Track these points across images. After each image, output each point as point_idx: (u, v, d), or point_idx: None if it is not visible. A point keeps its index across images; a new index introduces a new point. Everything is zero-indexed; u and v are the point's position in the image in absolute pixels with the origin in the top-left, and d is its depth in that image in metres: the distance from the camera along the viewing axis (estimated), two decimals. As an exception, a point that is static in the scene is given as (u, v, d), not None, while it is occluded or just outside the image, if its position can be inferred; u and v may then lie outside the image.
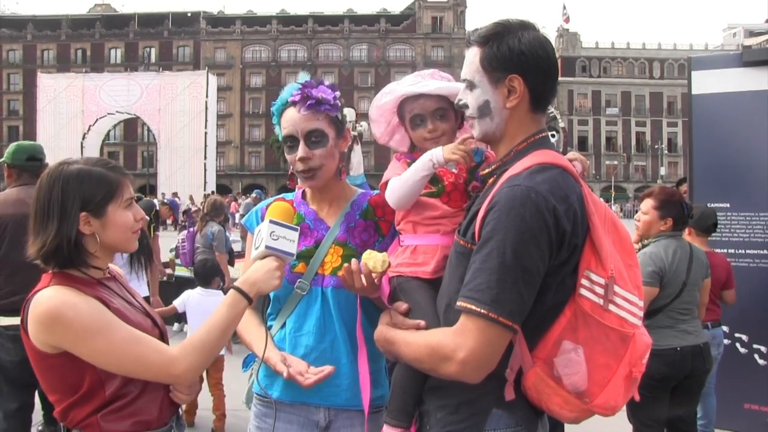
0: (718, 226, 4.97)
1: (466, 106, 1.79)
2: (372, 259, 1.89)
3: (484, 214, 1.60)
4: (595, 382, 1.60)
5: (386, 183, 2.01)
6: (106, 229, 1.86)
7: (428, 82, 2.01)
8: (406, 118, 2.05)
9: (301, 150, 2.09)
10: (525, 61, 1.68)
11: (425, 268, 1.87)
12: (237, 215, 23.97)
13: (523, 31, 1.71)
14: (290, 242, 1.89)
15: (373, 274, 1.91)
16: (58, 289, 1.79)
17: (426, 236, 1.92)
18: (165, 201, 16.76)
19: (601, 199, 1.77)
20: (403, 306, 1.85)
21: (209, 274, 5.53)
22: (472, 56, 1.76)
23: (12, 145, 4.17)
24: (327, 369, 2.01)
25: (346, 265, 1.95)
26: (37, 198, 1.87)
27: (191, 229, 8.48)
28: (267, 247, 1.87)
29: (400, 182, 1.92)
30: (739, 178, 4.96)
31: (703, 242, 4.63)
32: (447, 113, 1.98)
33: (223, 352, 4.83)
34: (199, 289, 5.45)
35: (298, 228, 1.96)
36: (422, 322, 1.77)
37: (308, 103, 2.07)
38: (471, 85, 1.77)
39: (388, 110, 2.08)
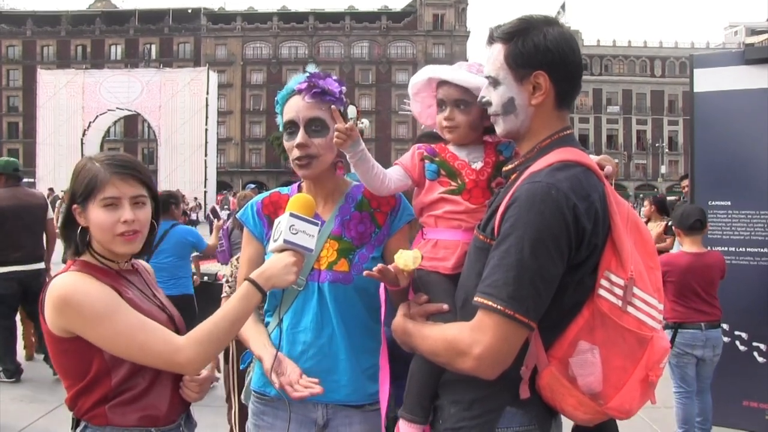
0: (719, 224, 4.95)
1: (489, 103, 1.77)
2: (403, 257, 1.82)
3: (504, 209, 1.59)
4: (610, 384, 1.58)
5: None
6: (90, 225, 1.89)
7: (456, 70, 1.99)
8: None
9: (300, 136, 2.08)
10: (551, 57, 1.66)
11: (445, 263, 1.86)
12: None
13: (547, 27, 1.69)
14: (310, 237, 1.85)
15: (406, 272, 1.86)
16: (74, 275, 1.84)
17: (447, 231, 1.91)
18: None
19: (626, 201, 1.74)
20: (423, 297, 1.84)
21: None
22: (496, 53, 1.73)
23: (1, 159, 6.63)
24: (316, 389, 1.92)
25: (379, 265, 1.85)
26: None
27: (226, 227, 8.37)
28: (285, 241, 1.83)
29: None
30: (740, 176, 4.95)
31: (695, 242, 4.55)
32: (470, 107, 1.95)
33: None
34: None
35: (319, 222, 1.92)
36: (445, 306, 1.77)
37: (313, 91, 2.06)
38: (495, 83, 1.74)
39: (421, 89, 2.08)
